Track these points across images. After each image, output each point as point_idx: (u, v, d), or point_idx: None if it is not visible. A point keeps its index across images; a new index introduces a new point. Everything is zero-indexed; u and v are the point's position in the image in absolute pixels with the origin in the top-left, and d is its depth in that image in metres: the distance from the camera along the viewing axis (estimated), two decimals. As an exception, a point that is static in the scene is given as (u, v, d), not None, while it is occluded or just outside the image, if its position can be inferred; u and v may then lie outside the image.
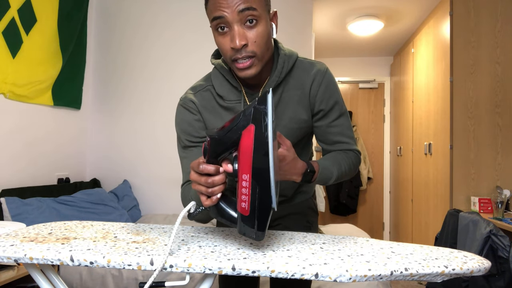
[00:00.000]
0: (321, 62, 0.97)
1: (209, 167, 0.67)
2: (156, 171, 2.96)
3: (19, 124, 2.32)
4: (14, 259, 0.65)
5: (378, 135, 4.84)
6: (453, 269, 0.60)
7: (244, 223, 0.66)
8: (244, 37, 0.81)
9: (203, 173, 0.68)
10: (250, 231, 0.66)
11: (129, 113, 3.03)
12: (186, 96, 0.98)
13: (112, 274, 1.94)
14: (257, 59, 0.84)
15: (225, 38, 0.83)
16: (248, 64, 0.83)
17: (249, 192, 0.65)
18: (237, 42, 0.80)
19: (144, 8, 3.03)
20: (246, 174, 0.65)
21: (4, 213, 1.98)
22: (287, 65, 0.93)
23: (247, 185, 0.65)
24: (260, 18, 0.82)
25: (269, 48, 0.87)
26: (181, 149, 0.97)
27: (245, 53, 0.82)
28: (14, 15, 2.20)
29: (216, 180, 0.67)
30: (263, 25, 0.82)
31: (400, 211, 4.15)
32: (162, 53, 3.00)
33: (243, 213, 0.66)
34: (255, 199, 0.64)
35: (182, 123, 0.96)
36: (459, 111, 2.63)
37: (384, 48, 4.51)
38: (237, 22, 0.80)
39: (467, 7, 2.64)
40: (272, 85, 0.92)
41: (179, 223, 0.67)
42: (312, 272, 0.59)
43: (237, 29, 0.80)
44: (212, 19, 0.82)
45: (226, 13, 0.79)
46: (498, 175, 2.58)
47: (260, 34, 0.82)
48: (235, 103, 0.94)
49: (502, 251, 1.75)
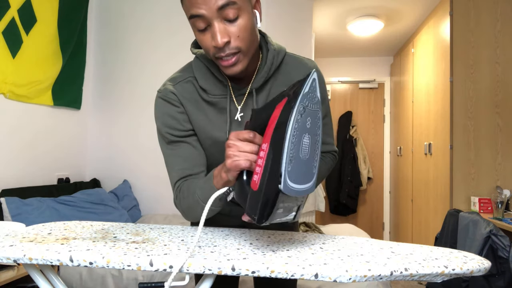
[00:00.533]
0: (311, 59, 0.93)
1: (255, 133, 0.67)
2: (156, 171, 2.96)
3: (19, 124, 2.32)
4: (14, 259, 0.65)
5: (378, 135, 4.83)
6: (453, 269, 0.60)
7: (250, 200, 0.63)
8: (225, 33, 0.74)
9: (243, 138, 0.68)
10: (253, 210, 0.62)
11: (129, 113, 3.03)
12: (165, 88, 0.89)
13: (112, 274, 1.94)
14: (242, 54, 0.78)
15: (206, 36, 0.77)
16: (233, 61, 0.77)
17: (263, 163, 0.62)
18: (218, 40, 0.74)
19: (144, 8, 3.03)
20: (265, 144, 0.62)
21: (4, 213, 1.98)
22: (276, 61, 0.89)
23: (264, 155, 0.62)
24: (242, 10, 0.74)
25: (254, 39, 0.80)
26: (166, 145, 0.90)
27: (229, 50, 0.76)
28: (14, 15, 2.20)
29: (257, 142, 0.68)
30: (245, 17, 0.75)
31: (400, 211, 4.15)
32: (162, 53, 3.00)
33: (253, 188, 0.63)
34: (267, 173, 0.61)
35: (163, 117, 0.89)
36: (459, 111, 2.62)
37: (384, 48, 4.51)
38: (217, 18, 0.73)
39: (467, 7, 2.64)
40: (260, 81, 0.88)
41: (204, 219, 0.67)
42: (312, 272, 0.59)
43: (218, 26, 0.74)
44: (189, 17, 0.76)
45: (203, 10, 0.73)
46: (498, 175, 2.58)
47: (243, 27, 0.75)
48: (220, 97, 0.88)
49: (502, 251, 1.75)
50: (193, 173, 0.89)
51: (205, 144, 0.92)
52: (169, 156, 0.90)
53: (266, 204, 0.61)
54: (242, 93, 0.89)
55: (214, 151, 0.92)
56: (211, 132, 0.90)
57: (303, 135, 0.61)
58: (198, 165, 0.89)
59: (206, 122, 0.90)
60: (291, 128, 0.59)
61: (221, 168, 0.75)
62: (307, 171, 0.63)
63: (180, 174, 0.88)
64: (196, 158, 0.90)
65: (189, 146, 0.90)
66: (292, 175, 0.60)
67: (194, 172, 0.89)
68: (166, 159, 0.91)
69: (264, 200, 0.61)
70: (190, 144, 0.90)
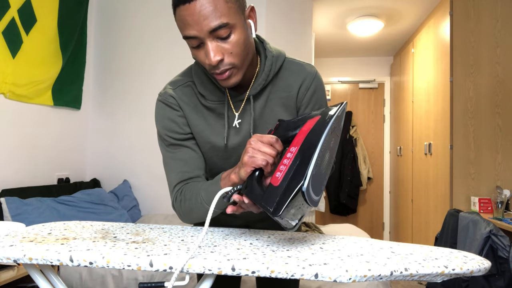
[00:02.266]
0: (311, 64, 0.94)
1: (277, 138, 0.72)
2: (156, 171, 2.96)
3: (19, 124, 2.32)
4: (14, 259, 0.65)
5: (378, 135, 4.83)
6: (453, 269, 0.60)
7: (269, 193, 0.66)
8: (218, 51, 0.76)
9: (266, 141, 0.71)
10: (270, 202, 0.66)
11: (129, 113, 3.03)
12: (166, 91, 0.91)
13: (112, 274, 1.94)
14: (236, 68, 0.79)
15: (200, 52, 0.78)
16: (226, 75, 0.79)
17: (290, 163, 0.66)
18: (212, 59, 0.75)
19: (145, 8, 3.03)
20: (294, 147, 0.68)
21: (4, 213, 1.98)
22: (275, 67, 0.89)
23: (291, 157, 0.67)
24: (234, 27, 0.76)
25: (248, 52, 0.81)
26: (165, 147, 0.91)
27: (223, 66, 0.77)
28: (14, 15, 2.20)
29: (277, 147, 0.72)
30: (238, 32, 0.76)
31: (400, 211, 4.15)
32: (162, 53, 3.00)
33: (274, 183, 0.67)
34: (291, 172, 0.66)
35: (163, 120, 0.90)
36: (459, 111, 2.62)
37: (384, 48, 4.51)
38: (209, 37, 0.75)
39: (467, 7, 2.64)
40: (258, 88, 0.88)
41: (210, 219, 0.67)
42: (312, 272, 0.59)
43: (210, 45, 0.75)
44: (183, 37, 0.77)
45: (195, 31, 0.74)
46: (498, 175, 2.58)
47: (235, 44, 0.76)
48: (218, 103, 0.89)
49: (502, 251, 1.75)
50: (193, 176, 0.89)
51: (204, 148, 0.93)
52: (169, 159, 0.91)
53: (284, 197, 0.65)
54: (239, 100, 0.89)
55: (212, 155, 0.93)
56: (209, 137, 0.91)
57: (327, 151, 0.68)
58: (197, 168, 0.90)
59: (205, 127, 0.91)
60: (323, 140, 0.66)
61: (231, 171, 0.77)
62: (320, 184, 0.69)
63: (180, 177, 0.89)
64: (196, 162, 0.91)
65: (188, 150, 0.91)
66: (313, 183, 0.66)
67: (194, 175, 0.89)
68: (166, 162, 0.92)
69: (283, 194, 0.65)
70: (189, 148, 0.91)
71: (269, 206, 0.65)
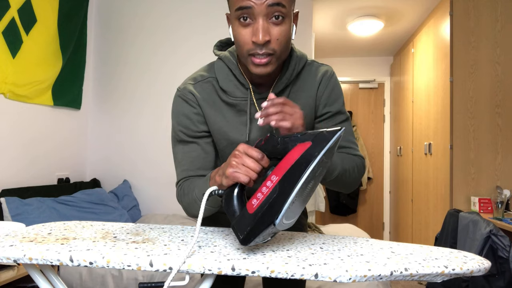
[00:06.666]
0: (328, 65, 0.97)
1: (263, 155, 0.68)
2: (156, 171, 2.96)
3: (19, 124, 2.32)
4: (14, 259, 0.65)
5: (378, 135, 4.83)
6: (453, 269, 0.60)
7: (242, 217, 0.65)
8: (268, 32, 0.76)
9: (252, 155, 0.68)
10: (241, 230, 0.65)
11: (129, 113, 3.03)
12: (185, 87, 0.91)
13: (112, 274, 1.94)
14: (275, 57, 0.79)
15: (246, 30, 0.77)
16: (265, 61, 0.78)
17: (267, 193, 0.64)
18: (260, 36, 0.75)
19: (144, 8, 3.03)
20: (275, 176, 0.65)
21: (4, 213, 1.98)
22: (298, 67, 0.91)
23: (271, 186, 0.64)
24: (287, 16, 0.77)
25: (288, 48, 0.82)
26: (176, 142, 0.93)
27: (266, 49, 0.77)
28: (14, 15, 2.20)
29: (263, 163, 0.68)
30: (287, 24, 0.78)
31: (400, 211, 4.15)
32: (163, 53, 3.00)
33: (249, 210, 0.65)
34: (267, 203, 0.63)
35: (179, 116, 0.91)
36: (459, 111, 2.62)
37: (384, 48, 4.51)
38: (263, 15, 0.75)
39: (467, 7, 2.64)
40: (281, 87, 0.90)
41: (201, 216, 0.67)
42: (312, 272, 0.59)
43: (262, 23, 0.75)
44: (237, 9, 0.76)
45: (254, 3, 0.74)
46: (498, 175, 2.58)
47: (283, 33, 0.78)
48: (241, 100, 0.90)
49: (502, 251, 1.75)
50: (196, 175, 0.91)
51: (221, 145, 0.94)
52: (178, 154, 0.93)
53: (255, 230, 0.64)
54: (262, 97, 0.91)
55: (229, 152, 0.94)
56: (228, 133, 0.91)
57: (311, 181, 0.64)
58: (202, 168, 0.91)
59: (224, 123, 0.91)
60: (306, 177, 0.62)
61: (216, 172, 0.76)
62: (298, 209, 0.67)
63: (184, 175, 0.91)
64: (202, 161, 0.92)
65: (198, 148, 0.92)
66: (288, 214, 0.64)
67: (197, 175, 0.91)
68: (175, 156, 0.94)
69: (255, 227, 0.64)
70: (200, 146, 0.92)
71: (239, 233, 0.65)
